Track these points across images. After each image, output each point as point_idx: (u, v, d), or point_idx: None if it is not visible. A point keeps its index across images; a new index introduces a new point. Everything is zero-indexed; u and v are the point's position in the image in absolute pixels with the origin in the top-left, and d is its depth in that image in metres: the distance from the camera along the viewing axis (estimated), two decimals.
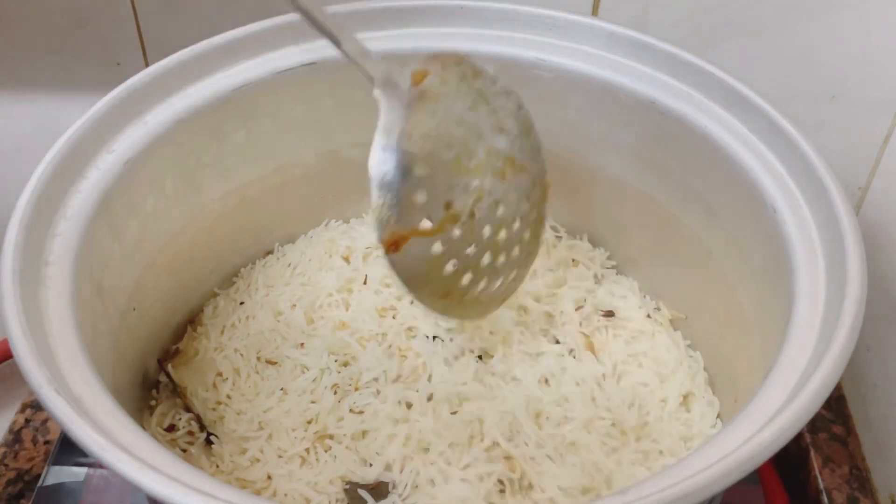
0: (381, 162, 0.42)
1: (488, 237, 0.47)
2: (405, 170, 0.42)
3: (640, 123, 0.50)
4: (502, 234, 0.47)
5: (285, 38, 0.52)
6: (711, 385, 0.51)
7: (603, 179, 0.55)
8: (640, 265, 0.57)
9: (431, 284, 0.45)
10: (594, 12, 0.57)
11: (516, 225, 0.48)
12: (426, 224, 0.44)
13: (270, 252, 0.59)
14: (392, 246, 0.43)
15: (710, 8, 0.55)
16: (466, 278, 0.46)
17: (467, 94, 0.45)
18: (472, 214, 0.45)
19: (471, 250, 0.46)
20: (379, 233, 0.42)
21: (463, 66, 0.45)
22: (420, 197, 0.43)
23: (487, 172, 0.46)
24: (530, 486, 0.45)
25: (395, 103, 0.43)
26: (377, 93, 0.43)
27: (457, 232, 0.45)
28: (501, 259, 0.48)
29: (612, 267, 0.58)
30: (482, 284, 0.47)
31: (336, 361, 0.50)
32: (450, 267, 0.45)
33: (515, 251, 0.49)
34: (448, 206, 0.44)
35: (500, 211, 0.47)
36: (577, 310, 0.54)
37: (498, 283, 0.48)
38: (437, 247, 0.44)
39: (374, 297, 0.53)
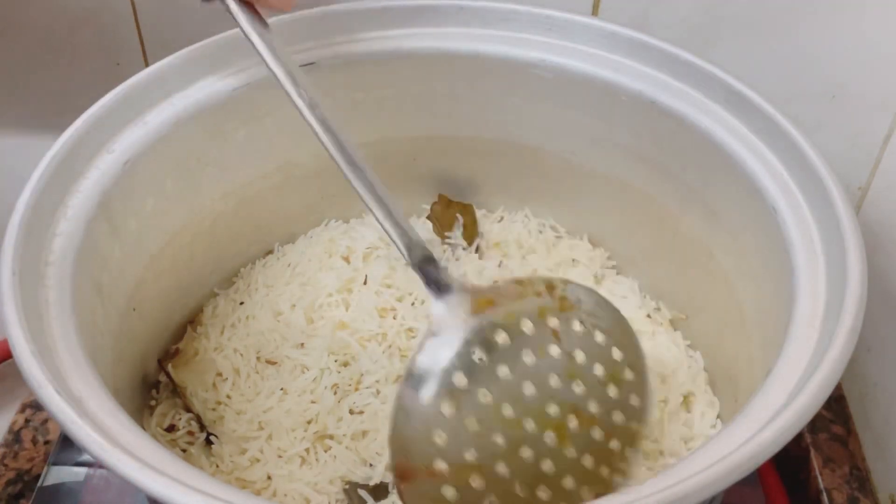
0: (409, 386, 0.39)
1: (523, 497, 0.39)
2: (432, 405, 0.38)
3: (640, 123, 0.50)
4: (542, 494, 0.40)
5: (285, 39, 0.52)
6: (712, 385, 0.51)
7: (603, 179, 0.55)
8: (640, 265, 0.57)
9: None
10: (594, 12, 0.57)
11: (567, 484, 0.40)
12: (441, 466, 0.38)
13: (270, 252, 0.59)
14: (400, 478, 0.38)
15: (710, 8, 0.55)
16: None
17: (536, 334, 0.40)
18: (500, 468, 0.39)
19: (491, 502, 0.39)
20: (392, 458, 0.39)
21: (546, 297, 0.41)
22: (439, 437, 0.38)
23: (537, 425, 0.40)
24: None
25: (447, 322, 0.39)
26: (434, 306, 0.40)
27: (477, 483, 0.39)
28: None
29: (612, 267, 0.58)
30: None
31: (336, 361, 0.50)
32: None
33: None
34: (472, 454, 0.39)
35: (546, 467, 0.40)
36: None
37: None
38: (450, 492, 0.38)
39: (374, 297, 0.53)
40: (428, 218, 0.60)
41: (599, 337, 0.42)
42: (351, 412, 0.48)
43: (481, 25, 0.53)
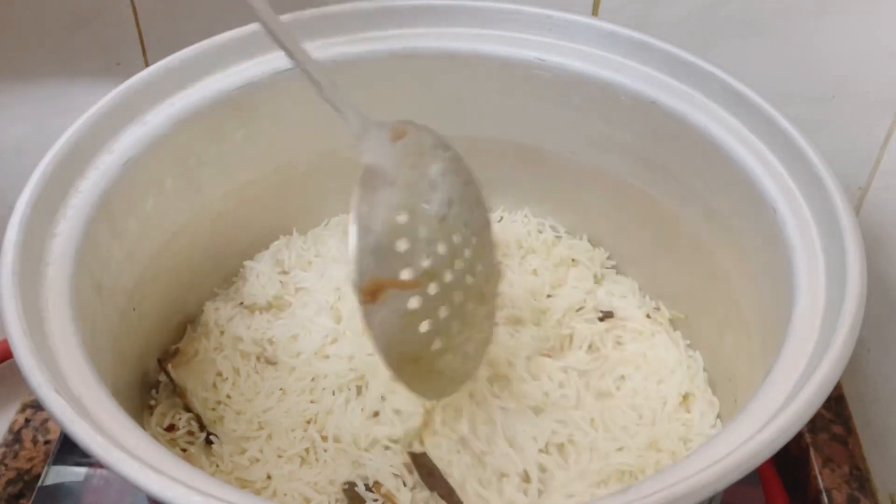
0: (364, 202, 0.40)
1: (459, 304, 0.44)
2: (388, 214, 0.41)
3: (640, 123, 0.50)
4: (469, 306, 0.44)
5: None
6: (711, 385, 0.51)
7: (603, 179, 0.55)
8: (640, 265, 0.57)
9: (404, 345, 0.42)
10: (594, 12, 0.57)
11: (480, 299, 0.45)
12: (406, 274, 0.41)
13: None
14: (369, 296, 0.40)
15: (710, 8, 0.55)
16: (437, 343, 0.43)
17: (441, 159, 0.44)
18: (445, 276, 0.43)
19: (444, 313, 0.43)
20: (356, 279, 0.40)
21: (432, 133, 0.44)
22: (402, 245, 0.41)
23: (458, 238, 0.44)
24: (529, 486, 0.45)
25: (378, 151, 0.42)
26: (356, 138, 0.42)
27: (433, 290, 0.42)
28: (467, 332, 0.45)
29: (612, 267, 0.58)
30: (449, 356, 0.44)
31: None
32: (424, 327, 0.42)
33: (475, 329, 0.45)
34: (426, 261, 0.42)
35: (468, 281, 0.44)
36: (577, 310, 0.54)
37: (460, 357, 0.45)
38: (414, 302, 0.41)
39: None
40: None
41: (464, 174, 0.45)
42: (350, 412, 0.48)
43: (481, 25, 0.53)
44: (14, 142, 0.66)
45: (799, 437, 0.56)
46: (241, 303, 0.55)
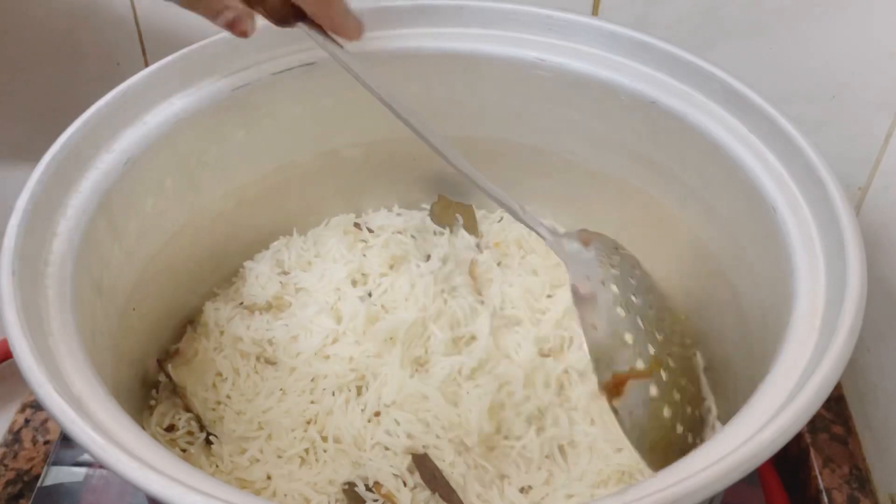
0: (585, 305, 0.42)
1: (684, 387, 0.44)
2: (609, 311, 0.42)
3: (640, 123, 0.50)
4: (691, 388, 0.45)
5: (284, 39, 0.52)
6: (711, 385, 0.51)
7: (603, 179, 0.55)
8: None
9: (654, 433, 0.42)
10: (594, 12, 0.57)
11: (692, 377, 0.47)
12: (641, 364, 0.42)
13: None
14: (615, 390, 0.41)
15: (710, 8, 0.55)
16: (679, 427, 0.43)
17: (625, 257, 0.46)
18: (668, 361, 0.44)
19: (678, 397, 0.44)
20: (599, 376, 0.41)
21: (605, 236, 0.46)
22: (629, 337, 0.42)
23: (665, 326, 0.45)
24: (530, 487, 0.45)
25: (579, 258, 0.44)
26: (555, 250, 0.45)
27: (664, 376, 0.43)
28: (695, 412, 0.45)
29: None
30: (689, 437, 0.44)
31: None
32: (666, 412, 0.42)
33: (698, 405, 0.46)
34: (652, 349, 0.43)
35: (684, 364, 0.46)
36: None
37: (696, 437, 0.45)
38: (654, 390, 0.42)
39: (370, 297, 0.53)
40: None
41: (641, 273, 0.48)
42: (351, 412, 0.48)
43: (481, 25, 0.53)
44: (14, 141, 0.66)
45: (799, 437, 0.56)
46: (241, 303, 0.55)
